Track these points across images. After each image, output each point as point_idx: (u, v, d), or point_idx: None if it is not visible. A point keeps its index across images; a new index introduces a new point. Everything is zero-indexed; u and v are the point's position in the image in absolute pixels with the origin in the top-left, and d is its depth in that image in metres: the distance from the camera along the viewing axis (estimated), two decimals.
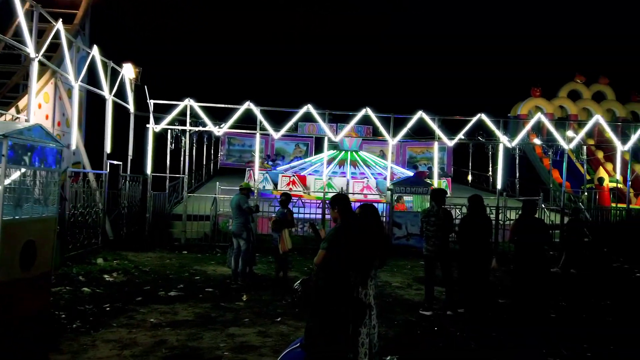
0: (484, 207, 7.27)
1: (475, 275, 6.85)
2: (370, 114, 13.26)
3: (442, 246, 7.01)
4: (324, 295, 4.04)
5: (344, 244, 4.09)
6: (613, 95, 24.42)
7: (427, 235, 7.14)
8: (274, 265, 9.03)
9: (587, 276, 10.98)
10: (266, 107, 12.98)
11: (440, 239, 7.01)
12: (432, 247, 7.05)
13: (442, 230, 7.01)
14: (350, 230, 4.17)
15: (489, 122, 13.28)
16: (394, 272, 10.26)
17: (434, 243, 7.05)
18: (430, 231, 7.08)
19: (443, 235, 7.03)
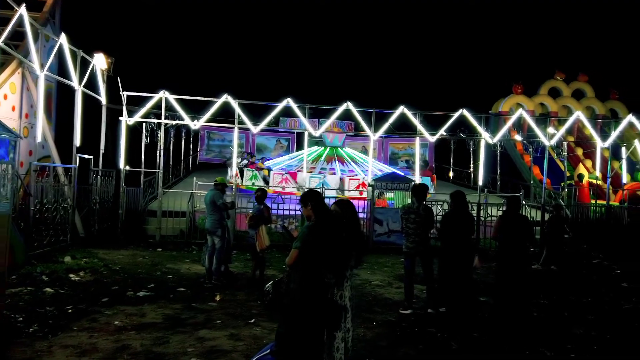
0: (467, 203, 7.07)
1: (456, 273, 6.66)
2: (351, 108, 13.00)
3: (422, 243, 6.79)
4: (296, 297, 3.75)
5: (318, 242, 3.81)
6: (592, 93, 24.63)
7: (406, 232, 6.91)
8: (251, 263, 8.70)
9: (568, 273, 10.93)
10: (244, 101, 12.62)
11: (420, 236, 6.79)
12: (412, 245, 6.83)
13: (422, 227, 6.79)
14: (324, 228, 3.89)
15: (471, 118, 13.14)
16: (374, 270, 10.04)
17: (413, 240, 6.82)
18: (410, 228, 6.85)
19: (423, 232, 6.80)
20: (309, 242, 3.78)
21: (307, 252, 3.75)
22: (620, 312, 7.44)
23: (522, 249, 7.03)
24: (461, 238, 6.70)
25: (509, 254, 6.90)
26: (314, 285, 3.76)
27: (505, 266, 6.88)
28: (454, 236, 6.71)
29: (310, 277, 3.76)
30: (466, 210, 7.00)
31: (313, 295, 3.73)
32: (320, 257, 3.79)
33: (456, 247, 6.68)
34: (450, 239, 6.75)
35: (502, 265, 6.94)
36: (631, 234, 14.04)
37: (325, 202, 4.12)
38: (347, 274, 4.15)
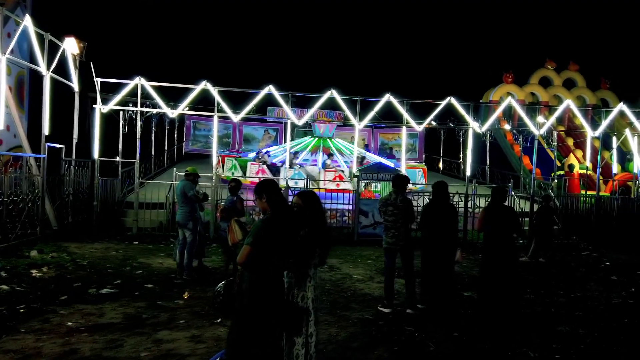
0: (448, 194, 6.68)
1: (437, 267, 6.29)
2: (335, 96, 12.55)
3: (402, 237, 6.37)
4: (248, 299, 3.35)
5: (273, 238, 3.41)
6: (583, 83, 24.37)
7: (385, 225, 6.49)
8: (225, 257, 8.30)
9: (556, 265, 10.65)
10: (224, 88, 12.13)
11: (400, 230, 6.36)
12: (391, 239, 6.40)
13: (402, 219, 6.36)
14: (280, 222, 3.48)
15: (459, 107, 12.75)
16: (357, 263, 9.68)
17: (393, 234, 6.38)
18: (388, 221, 6.42)
19: (403, 225, 6.38)
20: (262, 237, 3.37)
21: (260, 249, 3.34)
22: (609, 308, 7.14)
23: (508, 241, 6.69)
24: (442, 230, 6.33)
25: (494, 246, 6.56)
26: (268, 285, 3.36)
27: (491, 259, 6.54)
28: (435, 228, 6.34)
29: (264, 276, 3.36)
30: (447, 202, 6.61)
31: (267, 296, 3.33)
32: (275, 254, 3.39)
33: (437, 240, 6.32)
34: (430, 231, 6.38)
35: (488, 258, 6.60)
36: (621, 224, 13.81)
37: (282, 193, 3.70)
38: (310, 272, 3.76)
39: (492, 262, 6.56)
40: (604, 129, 13.11)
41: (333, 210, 13.14)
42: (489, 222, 6.58)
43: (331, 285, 7.66)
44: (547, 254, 11.21)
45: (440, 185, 6.59)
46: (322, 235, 3.80)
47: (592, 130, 13.31)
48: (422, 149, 27.72)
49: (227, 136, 27.58)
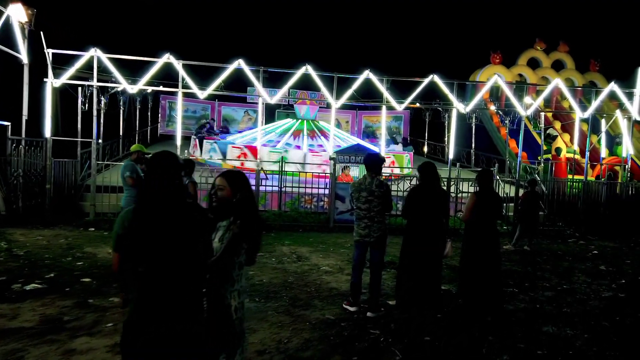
0: (438, 176, 5.87)
1: (420, 261, 5.53)
2: (311, 72, 11.66)
3: (377, 229, 5.50)
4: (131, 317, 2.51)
5: (144, 232, 2.48)
6: (573, 65, 23.73)
7: (357, 214, 5.62)
8: None
9: (541, 254, 10.03)
10: (190, 62, 11.15)
11: (374, 219, 5.50)
12: (364, 230, 5.52)
13: (377, 208, 5.50)
14: (151, 209, 2.53)
15: (442, 85, 11.95)
16: (328, 253, 8.92)
17: (365, 225, 5.50)
18: (361, 209, 5.54)
19: (378, 214, 5.52)
20: (135, 232, 2.49)
21: (135, 250, 2.48)
22: (600, 303, 6.49)
23: (493, 229, 5.98)
24: (429, 218, 5.56)
25: (479, 235, 5.83)
26: (162, 296, 2.51)
27: (475, 249, 5.83)
28: (421, 215, 5.56)
29: (150, 284, 2.49)
30: (437, 185, 5.78)
31: (162, 312, 2.50)
32: (159, 254, 2.51)
33: (423, 229, 5.54)
34: (415, 218, 5.60)
35: (471, 248, 5.87)
36: (609, 210, 13.25)
37: (167, 170, 2.60)
38: (233, 274, 2.97)
39: (475, 252, 5.84)
40: (593, 110, 12.42)
41: (309, 195, 12.36)
42: (477, 210, 5.85)
43: (295, 279, 6.89)
44: (532, 241, 10.59)
45: (428, 166, 5.78)
46: (252, 226, 2.99)
47: (582, 112, 12.60)
48: (406, 132, 26.97)
49: (205, 117, 26.51)
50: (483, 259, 5.80)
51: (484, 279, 5.83)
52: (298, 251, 8.84)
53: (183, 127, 25.20)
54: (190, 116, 26.34)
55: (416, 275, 5.55)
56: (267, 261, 7.88)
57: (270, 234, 10.73)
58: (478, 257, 5.81)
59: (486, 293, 5.86)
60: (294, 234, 10.85)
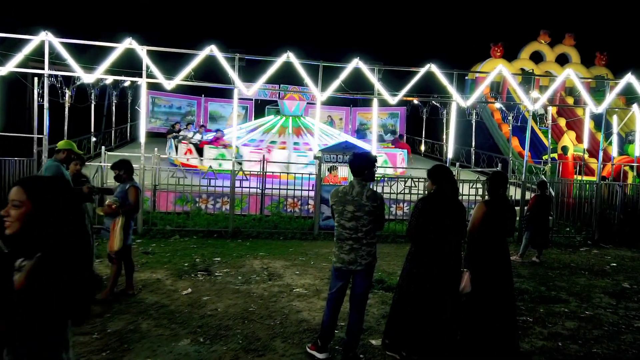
0: (456, 185, 4.46)
1: (429, 298, 4.19)
2: (293, 60, 10.36)
3: (365, 254, 4.16)
4: None
5: None
6: (578, 58, 22.51)
7: (339, 234, 4.22)
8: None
9: (553, 266, 8.79)
10: (155, 48, 9.84)
11: (362, 242, 4.15)
12: (347, 255, 4.14)
13: (367, 227, 4.16)
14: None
15: (440, 75, 10.67)
16: (307, 268, 7.62)
17: (350, 248, 4.14)
18: (345, 228, 4.17)
19: (367, 235, 4.17)
20: None
21: None
22: (633, 337, 5.23)
23: (504, 248, 4.70)
24: (443, 242, 4.24)
25: (486, 255, 4.54)
26: None
27: (481, 272, 4.51)
28: (433, 239, 4.22)
29: None
30: (455, 197, 4.39)
31: None
32: None
33: (434, 257, 4.22)
34: (425, 243, 4.24)
35: (476, 270, 4.56)
36: (623, 215, 11.98)
37: None
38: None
39: (481, 276, 4.55)
40: (607, 104, 11.17)
41: (293, 198, 11.08)
42: (488, 222, 4.56)
43: (258, 306, 5.60)
44: (542, 252, 9.34)
45: (442, 171, 4.40)
46: (72, 273, 1.70)
47: (595, 106, 11.34)
48: (403, 129, 25.74)
49: (190, 113, 25.21)
50: (492, 284, 4.51)
51: (492, 310, 4.55)
52: (271, 266, 7.55)
53: (166, 124, 24.00)
54: (175, 112, 25.01)
55: (425, 308, 4.20)
56: (230, 280, 6.60)
57: (245, 243, 9.46)
58: (485, 282, 4.53)
59: (495, 328, 4.58)
60: (273, 243, 9.58)
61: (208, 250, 8.53)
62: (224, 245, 9.15)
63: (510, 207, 4.78)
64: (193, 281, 6.45)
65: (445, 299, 4.18)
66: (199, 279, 6.62)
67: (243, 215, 10.90)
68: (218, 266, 7.41)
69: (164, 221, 10.28)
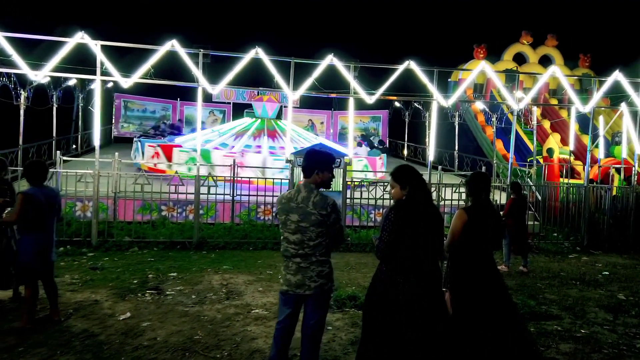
0: (428, 189, 3.58)
1: (404, 328, 3.37)
2: (262, 56, 9.61)
3: (315, 275, 3.36)
4: None
5: None
6: (561, 60, 22.17)
7: (284, 249, 3.45)
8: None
9: (541, 275, 8.15)
10: (109, 42, 9.02)
11: (311, 260, 3.36)
12: (294, 276, 3.36)
13: (316, 240, 3.35)
14: None
15: (420, 73, 10.02)
16: (272, 284, 6.82)
17: (297, 267, 3.36)
18: (289, 243, 3.40)
19: (317, 250, 3.36)
20: None
21: None
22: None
23: (491, 262, 3.98)
24: (420, 258, 3.39)
25: (476, 270, 3.80)
26: None
27: (472, 291, 3.76)
28: (410, 254, 3.36)
29: None
30: (429, 203, 3.54)
31: None
32: None
33: (409, 277, 3.35)
34: (400, 261, 3.37)
35: (466, 291, 3.78)
36: (612, 219, 11.44)
37: None
38: None
39: (470, 296, 3.78)
40: (595, 103, 10.62)
41: (267, 205, 10.29)
42: (470, 232, 3.84)
43: (206, 333, 4.80)
44: (527, 258, 8.68)
45: (411, 172, 3.55)
46: None
47: (582, 105, 10.79)
48: (385, 133, 25.18)
49: (165, 117, 24.29)
50: (479, 305, 3.77)
51: (486, 336, 3.76)
52: (232, 282, 6.75)
53: (140, 129, 23.06)
54: (149, 117, 24.09)
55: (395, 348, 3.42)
56: (181, 301, 5.78)
57: (210, 254, 8.65)
58: (471, 303, 3.78)
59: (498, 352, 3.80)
60: (241, 254, 8.78)
61: (166, 264, 7.70)
62: (186, 257, 8.34)
63: (495, 213, 4.08)
64: (137, 302, 5.63)
65: (422, 334, 3.40)
66: (145, 299, 5.80)
67: (211, 224, 10.10)
68: (172, 283, 6.59)
69: (123, 232, 9.44)
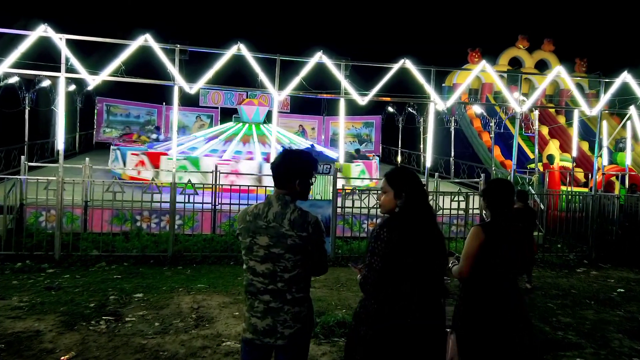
0: (427, 195, 2.89)
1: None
2: (245, 53, 8.81)
3: (290, 318, 2.53)
4: None
5: None
6: (558, 65, 21.60)
7: (248, 283, 2.60)
8: None
9: (550, 292, 7.37)
10: (75, 36, 8.18)
11: (284, 297, 2.53)
12: (262, 321, 2.52)
13: (293, 271, 2.53)
14: None
15: (416, 72, 9.28)
16: None
17: (266, 309, 2.53)
18: (256, 274, 2.56)
19: (293, 284, 2.54)
20: None
21: None
22: None
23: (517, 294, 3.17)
24: (424, 293, 2.55)
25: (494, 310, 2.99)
26: None
27: (493, 344, 2.92)
28: (409, 286, 2.53)
29: None
30: (432, 219, 2.70)
31: None
32: None
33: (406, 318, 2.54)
34: (395, 294, 2.52)
35: (486, 343, 2.94)
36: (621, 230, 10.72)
37: None
38: None
39: (491, 341, 2.94)
40: (602, 106, 9.93)
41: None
42: (488, 255, 3.02)
43: None
44: (532, 274, 7.92)
45: (409, 176, 2.70)
46: None
47: (589, 109, 10.09)
48: (378, 139, 24.48)
49: (150, 122, 23.38)
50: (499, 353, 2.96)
51: None
52: (205, 305, 5.88)
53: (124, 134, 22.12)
54: (133, 121, 23.17)
55: None
56: (141, 330, 4.90)
57: (185, 270, 7.78)
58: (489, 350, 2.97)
59: None
60: (221, 269, 7.91)
61: (132, 283, 6.82)
62: (158, 274, 7.47)
63: (521, 230, 3.27)
64: (86, 333, 4.74)
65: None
66: (98, 328, 4.92)
67: (191, 236, 9.24)
68: (134, 307, 5.71)
69: (93, 244, 8.56)
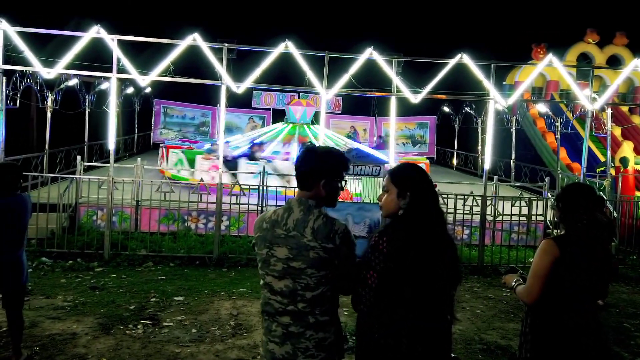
0: (437, 197, 2.47)
1: None
2: (292, 50, 8.54)
3: (312, 346, 2.12)
4: None
5: None
6: (632, 60, 19.91)
7: (265, 302, 2.24)
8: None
9: (627, 312, 6.55)
10: (127, 37, 8.23)
11: (306, 320, 2.13)
12: (280, 347, 2.14)
13: (317, 290, 2.13)
14: None
15: (474, 68, 8.63)
16: None
17: (285, 334, 2.14)
18: (274, 292, 2.18)
19: (316, 305, 2.14)
20: None
21: None
22: None
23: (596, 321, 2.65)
24: (435, 317, 2.18)
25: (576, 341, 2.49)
26: None
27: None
28: (415, 311, 2.13)
29: None
30: (442, 224, 2.27)
31: None
32: None
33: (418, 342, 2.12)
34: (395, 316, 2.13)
35: None
36: None
37: None
38: None
39: None
40: None
41: None
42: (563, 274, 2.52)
43: None
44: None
45: (418, 172, 2.31)
46: None
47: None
48: (432, 141, 23.61)
49: (205, 124, 23.84)
50: None
51: None
52: (245, 311, 5.63)
53: (180, 135, 22.64)
54: (189, 123, 23.70)
55: None
56: (177, 336, 4.71)
57: (230, 273, 7.62)
58: None
59: None
60: None
61: (175, 285, 6.71)
62: (202, 276, 7.34)
63: (602, 243, 2.73)
64: (121, 338, 4.60)
65: None
66: (134, 333, 4.77)
67: (237, 237, 9.11)
68: (174, 310, 5.55)
69: (142, 243, 8.61)
